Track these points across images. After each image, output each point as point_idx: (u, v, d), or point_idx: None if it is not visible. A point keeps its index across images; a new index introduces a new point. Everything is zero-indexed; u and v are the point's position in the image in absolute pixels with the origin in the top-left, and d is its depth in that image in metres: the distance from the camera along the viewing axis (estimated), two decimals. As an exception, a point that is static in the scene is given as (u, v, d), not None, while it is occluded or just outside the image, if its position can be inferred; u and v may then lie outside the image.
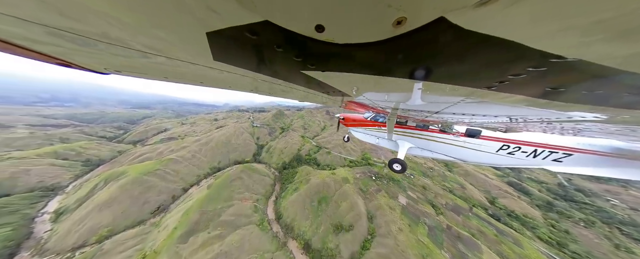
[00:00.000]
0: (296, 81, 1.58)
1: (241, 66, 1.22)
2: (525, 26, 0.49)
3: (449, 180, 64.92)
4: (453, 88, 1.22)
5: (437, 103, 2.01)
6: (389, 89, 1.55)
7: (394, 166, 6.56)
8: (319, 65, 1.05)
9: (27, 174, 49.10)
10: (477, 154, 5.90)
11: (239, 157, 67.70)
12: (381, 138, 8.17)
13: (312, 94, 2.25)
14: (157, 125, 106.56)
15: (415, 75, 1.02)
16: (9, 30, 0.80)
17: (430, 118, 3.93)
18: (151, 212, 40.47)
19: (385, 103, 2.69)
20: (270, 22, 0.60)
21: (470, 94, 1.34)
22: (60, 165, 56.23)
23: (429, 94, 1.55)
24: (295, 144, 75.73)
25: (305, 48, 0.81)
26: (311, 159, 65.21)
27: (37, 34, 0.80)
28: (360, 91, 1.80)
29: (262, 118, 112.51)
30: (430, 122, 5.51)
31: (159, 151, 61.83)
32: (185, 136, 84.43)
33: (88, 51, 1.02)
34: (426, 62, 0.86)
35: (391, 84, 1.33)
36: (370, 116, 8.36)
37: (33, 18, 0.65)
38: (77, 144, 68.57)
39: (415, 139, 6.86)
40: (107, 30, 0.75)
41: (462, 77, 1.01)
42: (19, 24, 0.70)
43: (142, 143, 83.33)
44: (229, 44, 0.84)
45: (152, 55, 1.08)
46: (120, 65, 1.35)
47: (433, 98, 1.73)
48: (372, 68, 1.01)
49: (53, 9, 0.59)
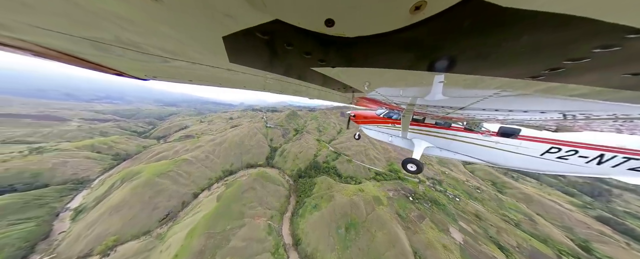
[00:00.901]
0: (306, 78, 1.50)
1: (254, 66, 1.26)
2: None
3: (508, 207, 49.29)
4: (483, 80, 1.02)
5: (463, 98, 1.68)
6: (405, 83, 1.37)
7: (409, 166, 5.74)
8: (329, 61, 1.00)
9: (64, 166, 52.13)
10: (514, 157, 4.87)
11: (251, 160, 63.41)
12: (395, 136, 7.23)
13: (322, 91, 2.06)
14: (179, 122, 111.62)
15: (436, 67, 0.90)
16: (68, 47, 1.01)
17: (453, 115, 3.22)
18: (159, 220, 37.48)
19: (400, 99, 2.31)
20: (280, 21, 0.60)
21: (506, 86, 1.11)
22: (93, 158, 59.34)
23: (453, 88, 1.34)
24: (311, 149, 68.34)
25: (314, 44, 0.78)
26: (330, 168, 56.87)
27: (93, 48, 1.00)
28: (372, 86, 1.62)
29: (275, 118, 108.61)
30: (453, 119, 4.75)
31: (175, 149, 61.16)
32: (201, 134, 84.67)
33: (133, 63, 1.32)
34: (450, 52, 0.74)
35: (407, 78, 1.18)
36: (383, 112, 7.58)
37: (91, 37, 0.83)
38: (111, 138, 73.11)
39: (433, 137, 6.01)
40: (148, 46, 0.96)
41: (497, 67, 0.83)
42: (74, 40, 0.87)
43: (165, 139, 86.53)
44: (243, 46, 0.87)
45: (179, 62, 1.25)
46: (156, 71, 1.65)
47: (457, 92, 1.46)
48: (385, 61, 0.93)
49: (103, 29, 0.75)
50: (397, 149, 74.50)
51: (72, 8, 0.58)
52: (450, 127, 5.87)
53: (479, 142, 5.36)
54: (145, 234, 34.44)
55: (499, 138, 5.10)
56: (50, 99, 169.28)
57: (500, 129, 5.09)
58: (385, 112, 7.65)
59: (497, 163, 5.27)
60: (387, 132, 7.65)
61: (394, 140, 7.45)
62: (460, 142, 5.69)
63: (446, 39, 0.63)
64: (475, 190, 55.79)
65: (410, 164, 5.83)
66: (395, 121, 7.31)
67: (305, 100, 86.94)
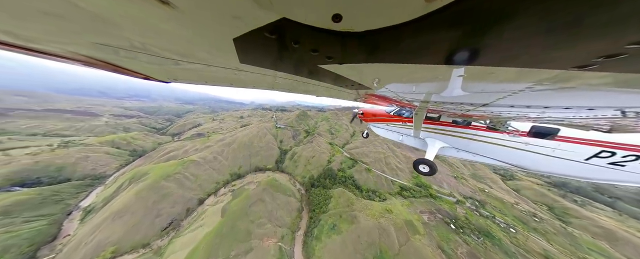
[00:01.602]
0: (314, 76, 1.48)
1: (263, 66, 1.27)
2: None
3: (586, 247, 36.31)
4: (513, 72, 0.88)
5: (487, 93, 1.50)
6: (418, 78, 1.28)
7: (421, 167, 5.22)
8: (337, 58, 0.97)
9: (85, 161, 53.36)
10: (549, 162, 4.14)
11: (260, 163, 59.17)
12: (406, 135, 6.77)
13: (330, 88, 2.03)
14: (193, 120, 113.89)
15: (455, 59, 0.81)
16: (101, 56, 1.12)
17: (473, 112, 2.83)
18: (161, 229, 34.28)
19: (413, 95, 2.14)
20: (287, 19, 0.60)
21: (544, 79, 0.94)
22: (112, 154, 60.56)
23: (475, 82, 1.21)
24: (324, 154, 61.73)
25: (321, 41, 0.76)
26: (347, 178, 49.61)
27: (125, 56, 1.10)
28: (382, 82, 1.55)
29: (285, 118, 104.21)
30: (474, 117, 4.15)
31: (185, 148, 59.54)
32: (212, 132, 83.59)
33: (156, 67, 1.46)
34: (474, 42, 0.65)
35: (421, 73, 1.10)
36: (393, 110, 7.06)
37: (120, 46, 0.94)
38: (130, 134, 75.28)
39: (450, 137, 5.42)
40: (168, 52, 1.05)
41: (533, 56, 0.70)
42: (105, 49, 0.98)
43: (179, 136, 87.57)
44: (252, 46, 0.89)
45: (195, 65, 1.34)
46: (176, 75, 1.79)
47: (480, 87, 1.32)
48: (396, 56, 0.87)
49: (129, 40, 0.84)
50: (419, 156, 63.78)
51: (102, 24, 0.66)
52: (469, 126, 5.07)
53: (505, 143, 4.56)
54: (144, 246, 31.37)
55: (531, 139, 4.25)
56: (88, 96, 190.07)
57: (533, 129, 4.22)
58: (395, 110, 6.90)
59: (526, 167, 4.45)
60: (398, 130, 6.90)
61: (405, 139, 6.67)
62: (482, 143, 4.87)
63: (470, 28, 0.56)
64: (532, 218, 43.59)
65: (423, 165, 5.10)
66: (406, 119, 6.61)
67: (315, 99, 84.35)
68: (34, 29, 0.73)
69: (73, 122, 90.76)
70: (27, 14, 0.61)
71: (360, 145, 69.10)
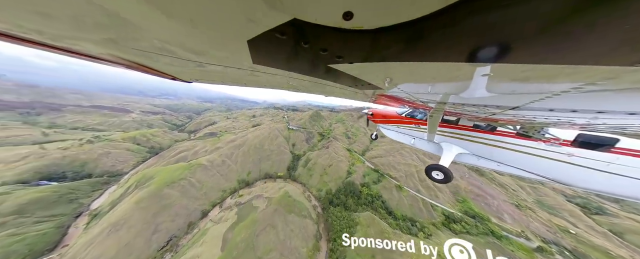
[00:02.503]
0: (323, 75, 1.47)
1: (274, 66, 1.30)
2: None
3: None
4: (556, 70, 0.70)
5: (518, 95, 1.27)
6: (434, 78, 1.17)
7: (434, 174, 4.68)
8: (347, 57, 0.94)
9: (106, 157, 53.84)
10: (603, 179, 3.22)
11: (271, 170, 52.83)
12: (418, 138, 6.24)
13: (340, 88, 2.00)
14: (209, 118, 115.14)
15: (479, 56, 0.70)
16: (135, 59, 1.26)
17: (500, 116, 2.46)
18: (158, 249, 29.49)
19: (428, 96, 1.99)
20: (298, 19, 0.59)
21: (600, 78, 0.72)
22: (132, 150, 60.99)
23: (504, 83, 1.03)
24: (342, 162, 52.46)
25: (331, 40, 0.75)
26: (374, 197, 39.61)
27: (156, 58, 1.21)
28: (394, 82, 1.45)
29: (297, 119, 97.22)
30: (500, 121, 3.71)
31: (196, 149, 56.41)
32: (224, 131, 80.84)
33: (180, 69, 1.61)
34: (504, 37, 0.55)
35: (437, 72, 1.00)
36: (405, 111, 6.59)
37: (151, 50, 1.03)
38: (151, 131, 76.71)
39: (470, 143, 4.77)
40: (190, 53, 1.14)
41: (585, 50, 0.54)
42: (140, 54, 1.09)
43: (194, 134, 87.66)
44: (264, 47, 0.90)
45: (213, 66, 1.43)
46: (197, 75, 1.95)
47: (510, 87, 1.11)
48: (410, 54, 0.81)
49: (157, 44, 0.94)
50: (465, 176, 50.19)
51: (136, 32, 0.74)
52: (494, 132, 4.41)
53: (540, 153, 3.77)
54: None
55: (576, 149, 3.43)
56: (127, 94, 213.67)
57: (579, 138, 3.41)
58: (408, 111, 6.41)
59: (570, 184, 3.60)
60: (410, 133, 6.36)
61: (418, 143, 6.15)
62: (509, 151, 4.15)
63: (504, 19, 0.47)
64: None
65: (437, 171, 4.53)
66: (419, 121, 6.06)
67: (326, 99, 78.78)
68: (88, 38, 0.85)
69: (108, 118, 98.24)
70: (81, 23, 0.70)
71: (383, 153, 57.81)
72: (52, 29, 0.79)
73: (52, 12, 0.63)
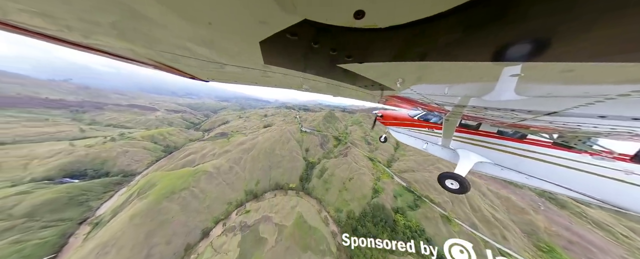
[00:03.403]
0: (332, 75, 1.47)
1: (284, 66, 1.32)
2: None
3: None
4: (611, 69, 0.57)
5: (556, 98, 1.04)
6: (453, 78, 1.05)
7: (448, 183, 4.16)
8: (356, 56, 0.91)
9: (124, 156, 53.67)
10: None
11: (282, 179, 45.86)
12: (431, 144, 5.60)
13: (348, 88, 1.97)
14: (223, 116, 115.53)
15: (509, 54, 0.60)
16: (159, 59, 1.37)
17: (531, 123, 2.14)
18: None
19: (444, 98, 1.80)
20: (308, 20, 0.59)
21: None
22: (148, 149, 60.75)
23: (539, 84, 0.87)
24: (365, 176, 42.50)
25: (341, 40, 0.73)
26: (413, 231, 28.99)
27: (182, 60, 1.32)
28: (406, 83, 1.37)
29: (310, 120, 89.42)
30: (531, 129, 3.12)
31: (205, 151, 52.69)
32: (235, 132, 77.39)
33: (199, 69, 1.71)
34: (541, 29, 0.46)
35: (457, 73, 0.91)
36: (418, 114, 6.06)
37: (174, 52, 1.13)
38: (167, 129, 77.39)
39: (492, 151, 4.16)
40: (207, 54, 1.19)
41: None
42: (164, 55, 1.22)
43: (208, 132, 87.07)
44: (275, 48, 0.91)
45: (229, 66, 1.50)
46: (213, 75, 2.06)
47: (546, 89, 0.93)
48: (426, 53, 0.75)
49: (180, 47, 1.04)
50: (540, 209, 35.27)
51: (159, 32, 0.81)
52: (523, 140, 3.72)
53: (585, 167, 3.02)
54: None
55: (634, 166, 2.66)
56: (159, 94, 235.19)
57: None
58: (420, 114, 5.86)
59: (628, 208, 2.78)
60: (422, 137, 5.80)
61: (431, 148, 5.50)
62: (542, 163, 3.44)
63: (543, 9, 0.39)
64: None
65: (451, 180, 4.01)
66: (433, 124, 5.45)
67: (336, 99, 71.66)
68: (123, 40, 0.95)
69: (137, 116, 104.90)
70: (119, 29, 0.80)
71: (415, 166, 46.01)
72: (94, 34, 0.90)
73: (96, 19, 0.73)
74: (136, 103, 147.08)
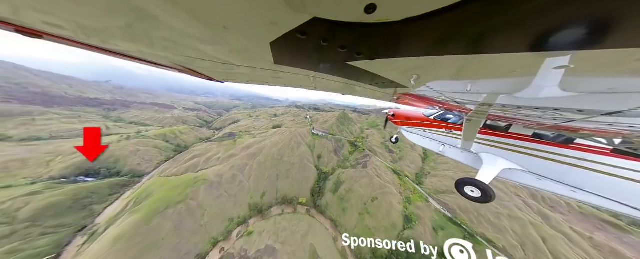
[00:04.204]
0: (342, 73, 1.44)
1: (293, 66, 1.33)
2: None
3: None
4: None
5: (622, 94, 0.79)
6: (479, 74, 0.89)
7: (467, 190, 3.54)
8: (367, 53, 0.87)
9: (135, 155, 52.78)
10: None
11: (290, 192, 39.35)
12: (449, 146, 5.01)
13: (359, 87, 1.92)
14: (234, 115, 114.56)
15: (553, 43, 0.49)
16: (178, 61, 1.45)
17: (582, 124, 1.72)
18: None
19: (466, 96, 1.55)
20: (318, 18, 0.58)
21: None
22: (160, 148, 59.75)
23: (595, 77, 0.68)
24: (391, 195, 33.44)
25: (350, 37, 0.70)
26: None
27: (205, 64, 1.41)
28: (422, 80, 1.24)
29: (322, 121, 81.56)
30: (581, 132, 2.36)
31: (209, 154, 48.83)
32: (244, 132, 73.57)
33: (213, 71, 1.78)
34: (598, 10, 0.35)
35: (485, 66, 0.77)
36: (434, 113, 5.47)
37: (195, 56, 1.21)
38: (180, 128, 76.96)
39: (525, 157, 3.43)
40: (222, 56, 1.25)
41: None
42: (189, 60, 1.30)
43: (219, 131, 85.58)
44: (284, 48, 0.92)
45: (241, 67, 1.56)
46: (227, 76, 2.14)
47: (604, 83, 0.72)
48: (446, 46, 0.65)
49: (197, 51, 1.08)
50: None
51: (178, 37, 0.87)
52: (569, 145, 2.97)
53: None
54: None
55: None
56: (180, 93, 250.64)
57: None
58: (437, 114, 5.30)
59: None
60: (439, 139, 5.22)
61: (448, 151, 4.90)
62: (597, 174, 2.73)
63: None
64: None
65: (471, 187, 3.41)
66: (452, 125, 4.86)
67: (347, 98, 68.07)
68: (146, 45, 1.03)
69: (157, 114, 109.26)
70: (149, 38, 0.91)
71: (446, 184, 35.25)
72: (114, 38, 0.96)
73: (117, 24, 0.78)
74: (158, 102, 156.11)
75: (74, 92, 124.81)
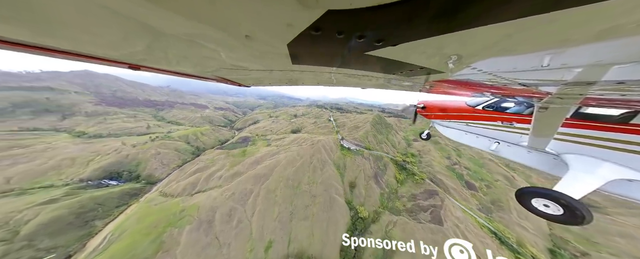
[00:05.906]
0: (361, 66, 1.35)
1: (311, 64, 1.34)
2: None
3: None
4: None
5: None
6: (567, 39, 0.59)
7: (540, 204, 2.50)
8: (389, 39, 0.76)
9: (155, 158, 50.51)
10: None
11: (308, 246, 24.99)
12: (508, 144, 3.69)
13: (381, 78, 1.74)
14: (255, 115, 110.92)
15: None
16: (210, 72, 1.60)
17: None
18: None
19: (540, 74, 1.01)
20: (332, 10, 0.54)
21: None
22: (180, 150, 57.09)
23: None
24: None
25: (367, 23, 0.63)
26: None
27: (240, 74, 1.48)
28: (464, 61, 0.95)
29: (350, 125, 63.22)
30: None
31: (213, 168, 40.43)
32: (260, 137, 64.14)
33: (242, 77, 2.10)
34: None
35: (575, 22, 0.48)
36: (483, 102, 4.07)
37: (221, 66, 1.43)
38: (201, 129, 75.13)
39: None
40: (248, 64, 1.39)
41: None
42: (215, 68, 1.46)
43: (240, 131, 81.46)
44: (300, 48, 0.93)
45: (261, 71, 1.69)
46: (253, 80, 2.39)
47: None
48: (502, 10, 0.46)
49: (222, 61, 1.23)
50: None
51: (211, 53, 0.99)
52: None
53: None
54: None
55: None
56: (215, 93, 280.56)
57: None
58: (487, 102, 3.94)
59: None
60: (489, 135, 3.89)
61: (505, 150, 3.60)
62: None
63: None
64: None
65: (547, 201, 2.36)
66: (511, 116, 3.51)
67: (372, 95, 52.14)
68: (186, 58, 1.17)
69: (192, 113, 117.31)
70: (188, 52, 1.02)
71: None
72: (178, 66, 1.11)
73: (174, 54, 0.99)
74: (197, 102, 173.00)
75: (144, 95, 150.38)
